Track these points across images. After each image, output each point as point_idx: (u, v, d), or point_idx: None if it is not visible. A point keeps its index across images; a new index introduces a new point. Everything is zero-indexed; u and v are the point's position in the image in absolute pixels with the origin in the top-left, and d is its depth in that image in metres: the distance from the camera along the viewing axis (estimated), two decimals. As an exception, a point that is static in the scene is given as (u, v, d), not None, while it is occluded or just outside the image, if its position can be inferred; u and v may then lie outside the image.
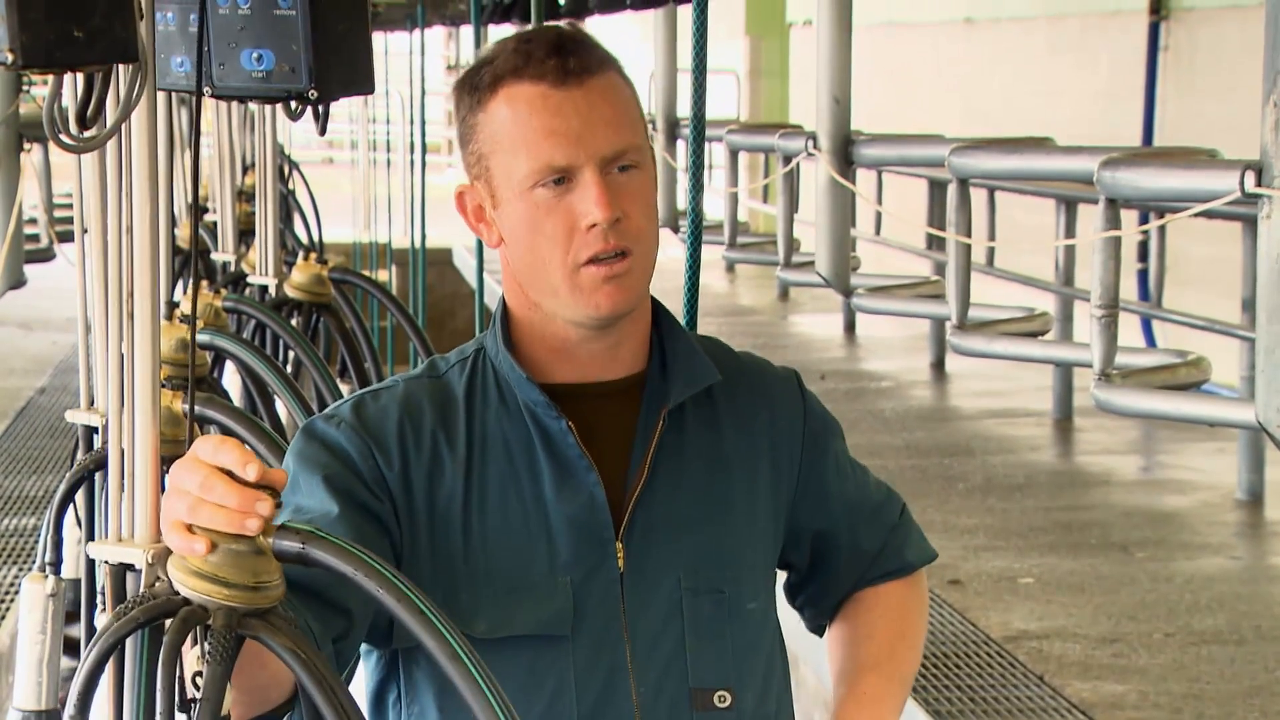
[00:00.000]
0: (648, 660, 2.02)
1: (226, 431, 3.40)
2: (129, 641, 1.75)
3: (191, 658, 1.66)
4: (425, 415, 2.04)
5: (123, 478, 1.99)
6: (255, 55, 1.95)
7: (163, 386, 2.91)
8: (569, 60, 1.99)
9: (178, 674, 1.66)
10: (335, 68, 1.97)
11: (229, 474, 1.63)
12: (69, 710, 1.65)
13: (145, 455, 1.94)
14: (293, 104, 2.00)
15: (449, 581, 1.99)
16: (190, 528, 1.63)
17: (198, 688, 1.62)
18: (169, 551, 1.66)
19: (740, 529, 2.09)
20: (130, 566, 1.96)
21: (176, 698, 1.64)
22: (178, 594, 1.64)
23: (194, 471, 1.63)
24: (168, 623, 1.65)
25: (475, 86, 2.02)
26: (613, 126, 1.99)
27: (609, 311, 2.00)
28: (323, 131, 2.18)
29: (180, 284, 6.84)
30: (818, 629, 2.26)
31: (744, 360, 2.19)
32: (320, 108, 2.01)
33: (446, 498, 2.01)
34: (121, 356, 2.01)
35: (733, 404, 2.12)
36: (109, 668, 1.93)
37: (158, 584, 1.68)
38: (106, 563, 1.97)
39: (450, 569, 2.00)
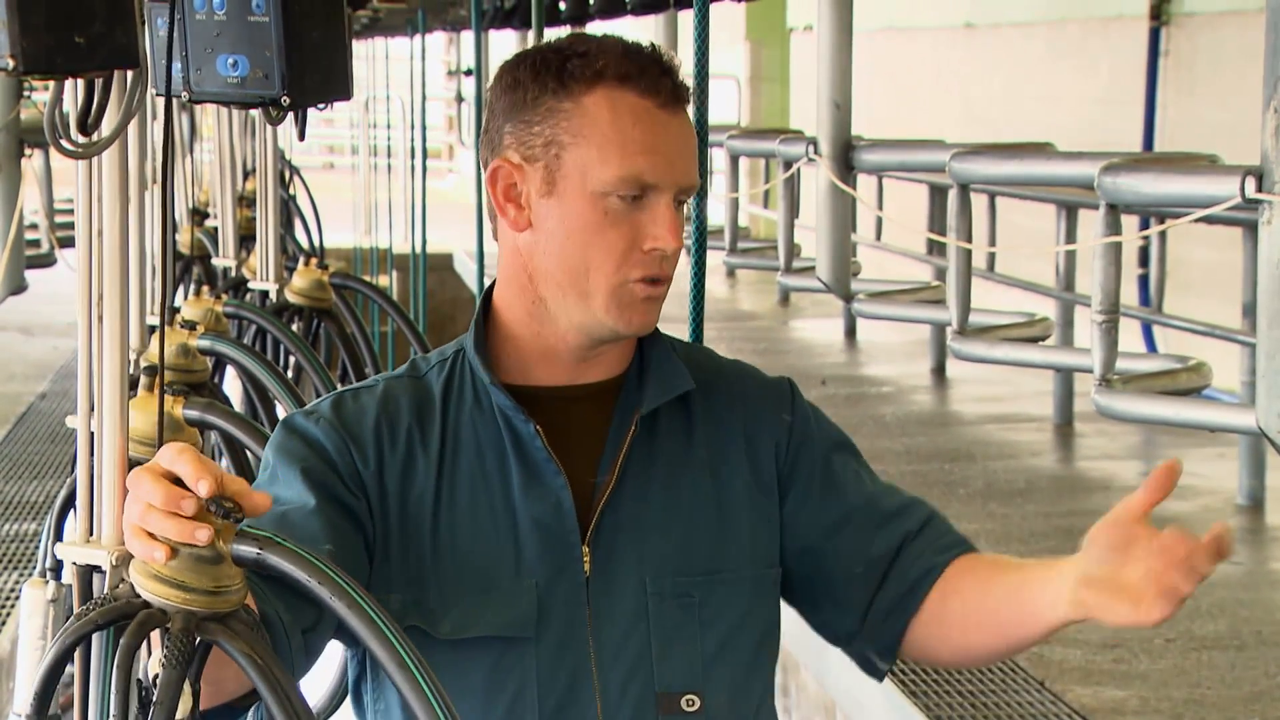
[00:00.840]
0: (613, 663, 2.02)
1: (227, 436, 3.40)
2: (94, 642, 1.76)
3: (154, 660, 1.66)
4: (402, 414, 2.04)
5: (91, 479, 2.00)
6: (231, 61, 1.96)
7: (166, 392, 2.92)
8: (679, 86, 2.01)
9: (144, 676, 1.66)
10: (309, 74, 1.97)
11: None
12: (26, 708, 1.66)
13: (112, 458, 1.95)
14: (271, 109, 2.01)
15: (418, 580, 2.00)
16: (152, 534, 1.64)
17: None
18: (132, 554, 1.67)
19: (714, 534, 2.07)
20: (96, 568, 1.97)
21: (139, 700, 1.65)
22: (139, 596, 1.65)
23: (149, 478, 1.64)
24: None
25: (565, 73, 1.99)
26: (691, 160, 2.03)
27: (638, 329, 2.02)
28: (301, 136, 2.18)
29: (182, 289, 6.85)
30: (879, 665, 2.14)
31: (728, 367, 2.18)
32: (298, 113, 2.02)
33: (418, 497, 2.02)
34: (91, 359, 2.02)
35: (709, 411, 2.11)
36: (78, 669, 1.94)
37: (121, 586, 1.68)
38: (74, 563, 1.98)
39: (419, 568, 2.01)
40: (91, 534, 1.99)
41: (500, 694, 2.00)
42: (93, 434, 2.03)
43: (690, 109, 2.05)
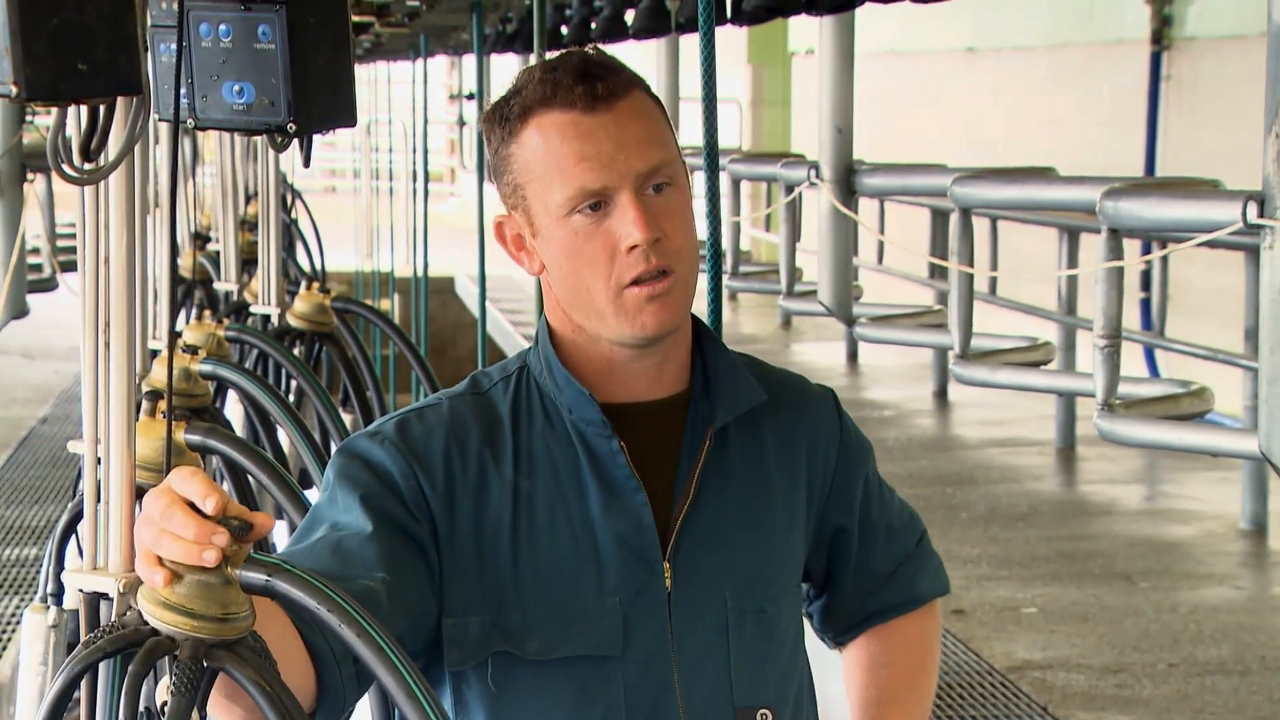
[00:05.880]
0: (694, 679, 2.04)
1: (229, 461, 3.39)
2: (101, 670, 1.75)
3: (162, 687, 1.66)
4: (471, 434, 2.05)
5: (97, 506, 2.00)
6: (236, 88, 1.97)
7: (164, 417, 2.92)
8: (596, 85, 2.01)
9: (152, 705, 1.66)
10: (315, 101, 1.98)
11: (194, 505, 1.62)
12: None
13: (119, 484, 1.94)
14: (276, 136, 2.01)
15: (498, 602, 2.01)
16: (160, 559, 1.63)
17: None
18: (140, 581, 1.66)
19: (779, 548, 2.12)
20: (104, 595, 1.96)
21: None
22: (147, 624, 1.64)
23: (158, 501, 1.63)
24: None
25: (505, 118, 2.04)
26: (644, 145, 2.01)
27: (655, 331, 2.01)
28: (306, 163, 2.18)
29: (183, 313, 6.85)
30: (828, 641, 2.29)
31: (782, 378, 2.20)
32: (303, 139, 2.02)
33: (494, 518, 2.02)
34: (96, 384, 2.02)
35: (775, 423, 2.13)
36: (83, 696, 1.93)
37: (129, 613, 1.67)
38: (81, 590, 1.98)
39: (499, 589, 2.01)
40: (98, 561, 1.99)
41: (589, 712, 2.02)
42: (98, 460, 2.03)
43: (639, 94, 2.04)
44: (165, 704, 1.62)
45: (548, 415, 2.06)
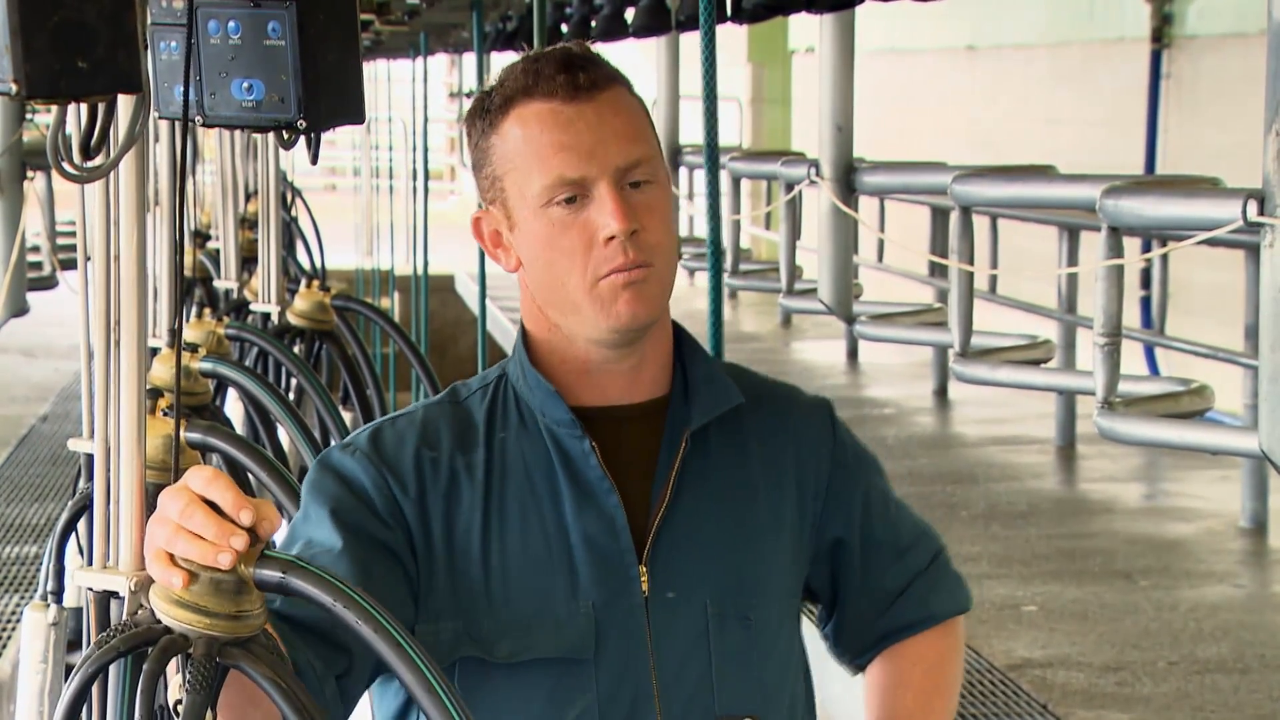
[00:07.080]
0: (674, 685, 2.01)
1: (229, 459, 3.39)
2: (112, 669, 1.74)
3: (174, 686, 1.65)
4: (443, 441, 2.03)
5: (108, 505, 1.99)
6: (245, 85, 1.96)
7: (165, 415, 2.92)
8: (578, 75, 2.00)
9: (163, 702, 1.65)
10: (324, 98, 1.97)
11: (214, 505, 1.62)
12: None
13: (130, 483, 1.94)
14: (284, 133, 2.00)
15: (469, 607, 1.99)
16: (173, 559, 1.63)
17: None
18: (152, 579, 1.66)
19: (766, 554, 2.08)
20: (114, 594, 1.95)
21: None
22: (159, 622, 1.64)
23: (176, 499, 1.62)
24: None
25: (486, 110, 2.03)
26: (624, 139, 1.99)
27: (629, 322, 1.99)
28: (314, 161, 2.18)
29: (184, 311, 6.85)
30: (846, 665, 2.25)
31: (771, 386, 2.18)
32: (311, 137, 2.02)
33: (465, 524, 2.00)
34: (106, 381, 2.02)
35: (759, 428, 2.11)
36: (94, 696, 1.93)
37: (140, 612, 1.67)
38: (91, 589, 1.97)
39: (471, 595, 1.99)
40: (108, 560, 1.98)
41: (561, 716, 1.99)
42: (107, 458, 2.02)
43: (620, 89, 2.02)
44: (178, 702, 1.62)
45: (523, 420, 2.04)
